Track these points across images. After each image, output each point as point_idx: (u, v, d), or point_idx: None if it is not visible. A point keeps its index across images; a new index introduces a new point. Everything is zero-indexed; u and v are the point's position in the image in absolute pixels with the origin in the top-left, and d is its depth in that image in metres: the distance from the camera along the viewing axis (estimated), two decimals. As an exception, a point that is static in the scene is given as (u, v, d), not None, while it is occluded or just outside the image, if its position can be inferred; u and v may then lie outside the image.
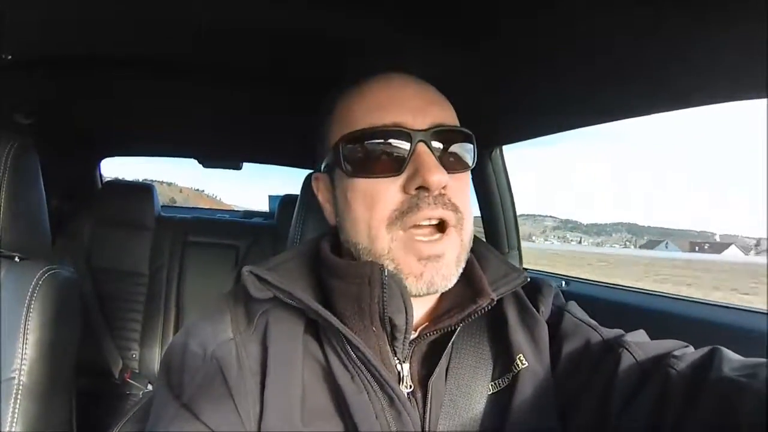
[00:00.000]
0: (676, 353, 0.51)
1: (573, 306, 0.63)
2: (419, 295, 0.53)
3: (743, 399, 0.42)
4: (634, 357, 0.52)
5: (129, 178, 2.20)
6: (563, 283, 1.42)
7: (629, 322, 1.07)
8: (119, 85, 1.41)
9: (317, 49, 1.11)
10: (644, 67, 0.80)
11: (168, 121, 1.81)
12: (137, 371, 1.92)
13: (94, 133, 2.03)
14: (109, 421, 1.60)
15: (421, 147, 0.53)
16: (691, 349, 0.52)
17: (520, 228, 1.66)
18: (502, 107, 1.18)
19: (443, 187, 0.53)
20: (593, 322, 0.60)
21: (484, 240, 1.60)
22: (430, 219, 0.53)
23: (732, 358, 0.48)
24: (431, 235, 0.53)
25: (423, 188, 0.52)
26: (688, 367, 0.48)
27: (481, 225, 1.65)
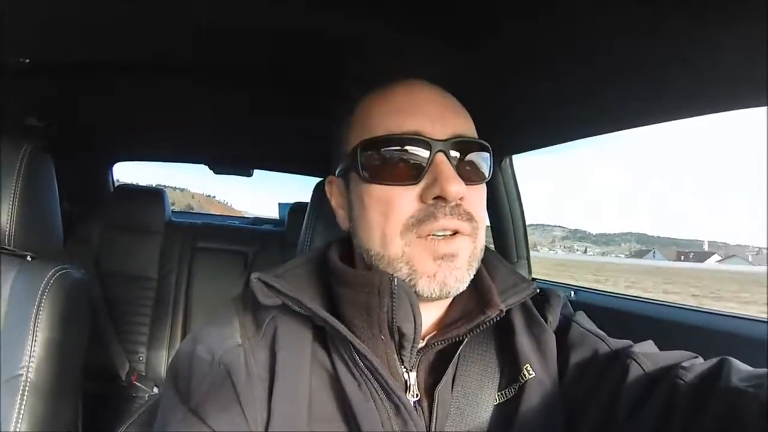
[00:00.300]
0: (684, 364, 0.50)
1: (581, 316, 0.62)
2: (431, 298, 0.52)
3: (750, 409, 0.41)
4: (642, 368, 0.52)
5: (142, 183, 2.22)
6: (572, 292, 1.41)
7: (637, 331, 1.05)
8: (130, 90, 1.44)
9: (318, 52, 1.12)
10: (651, 71, 0.79)
11: (179, 126, 1.85)
12: (144, 374, 1.93)
13: (105, 137, 2.07)
14: (114, 422, 1.61)
15: (440, 157, 0.53)
16: (700, 360, 0.51)
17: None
18: (511, 117, 1.18)
19: (460, 198, 0.53)
20: (601, 332, 0.59)
21: (493, 249, 1.59)
22: (445, 229, 0.52)
23: (741, 368, 0.47)
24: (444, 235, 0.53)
25: (440, 198, 0.52)
26: (697, 377, 0.48)
27: (491, 234, 1.64)
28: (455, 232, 0.53)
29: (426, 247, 0.52)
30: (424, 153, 0.53)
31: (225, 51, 1.18)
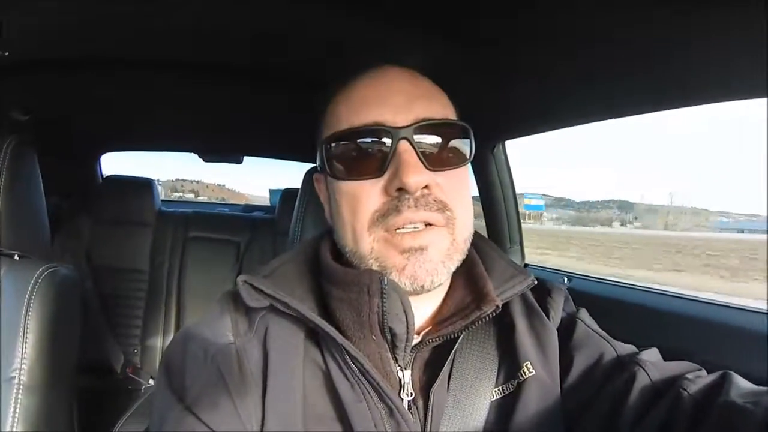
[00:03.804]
0: (688, 376, 0.50)
1: (584, 314, 0.61)
2: (405, 290, 0.52)
3: (747, 425, 0.42)
4: (648, 376, 0.52)
5: (163, 178, 2.19)
6: (565, 279, 1.40)
7: (632, 319, 1.08)
8: (116, 81, 1.41)
9: (314, 47, 1.10)
10: (644, 64, 0.79)
11: (166, 116, 1.81)
12: (139, 366, 1.94)
13: (92, 129, 2.02)
14: (112, 416, 1.62)
15: (403, 145, 0.51)
16: (704, 372, 0.52)
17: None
18: (504, 102, 1.17)
19: (426, 187, 0.51)
20: (605, 333, 0.59)
21: (486, 236, 1.59)
22: (411, 222, 0.51)
23: (741, 384, 0.47)
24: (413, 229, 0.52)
25: (403, 190, 0.50)
26: (699, 390, 0.48)
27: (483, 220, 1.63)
28: (428, 224, 0.52)
29: (391, 243, 0.51)
30: (387, 143, 0.51)
31: (211, 46, 1.16)
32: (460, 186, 0.56)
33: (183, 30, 1.07)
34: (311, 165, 0.95)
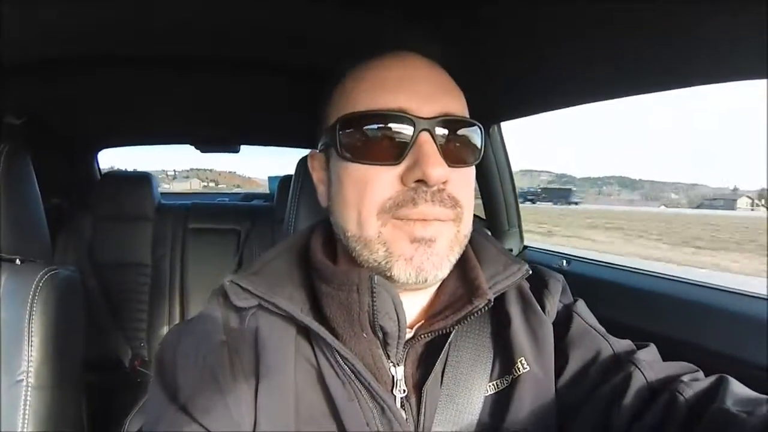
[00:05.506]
0: (684, 379, 0.50)
1: (581, 307, 0.61)
2: (408, 284, 0.51)
3: None
4: (644, 377, 0.52)
5: (178, 168, 2.17)
6: (564, 262, 1.40)
7: (631, 302, 1.08)
8: (110, 77, 1.39)
9: (311, 38, 1.08)
10: (640, 46, 0.77)
11: (161, 109, 1.79)
12: (146, 359, 1.96)
13: (88, 126, 2.01)
14: (122, 410, 1.65)
15: (425, 136, 0.50)
16: (701, 374, 0.52)
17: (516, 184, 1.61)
18: (500, 84, 1.15)
19: (443, 182, 0.50)
20: (602, 328, 0.59)
21: (482, 224, 1.58)
22: (427, 218, 0.50)
23: (736, 390, 0.47)
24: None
25: (422, 182, 0.49)
26: (695, 394, 0.48)
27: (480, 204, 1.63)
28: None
29: (402, 229, 0.50)
30: (408, 131, 0.50)
31: (206, 40, 1.14)
32: (469, 183, 0.55)
33: (178, 25, 1.05)
34: (305, 152, 0.95)
